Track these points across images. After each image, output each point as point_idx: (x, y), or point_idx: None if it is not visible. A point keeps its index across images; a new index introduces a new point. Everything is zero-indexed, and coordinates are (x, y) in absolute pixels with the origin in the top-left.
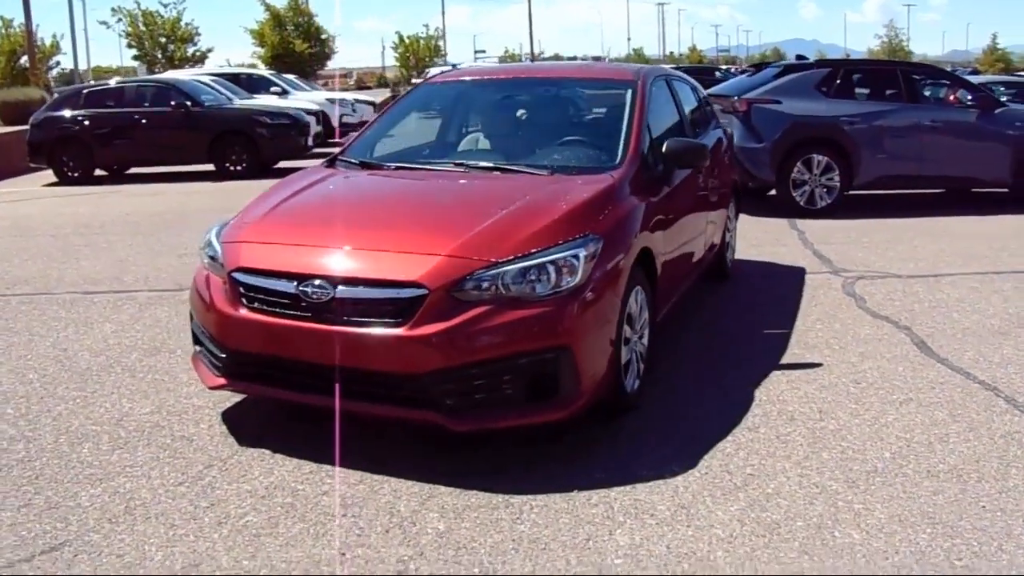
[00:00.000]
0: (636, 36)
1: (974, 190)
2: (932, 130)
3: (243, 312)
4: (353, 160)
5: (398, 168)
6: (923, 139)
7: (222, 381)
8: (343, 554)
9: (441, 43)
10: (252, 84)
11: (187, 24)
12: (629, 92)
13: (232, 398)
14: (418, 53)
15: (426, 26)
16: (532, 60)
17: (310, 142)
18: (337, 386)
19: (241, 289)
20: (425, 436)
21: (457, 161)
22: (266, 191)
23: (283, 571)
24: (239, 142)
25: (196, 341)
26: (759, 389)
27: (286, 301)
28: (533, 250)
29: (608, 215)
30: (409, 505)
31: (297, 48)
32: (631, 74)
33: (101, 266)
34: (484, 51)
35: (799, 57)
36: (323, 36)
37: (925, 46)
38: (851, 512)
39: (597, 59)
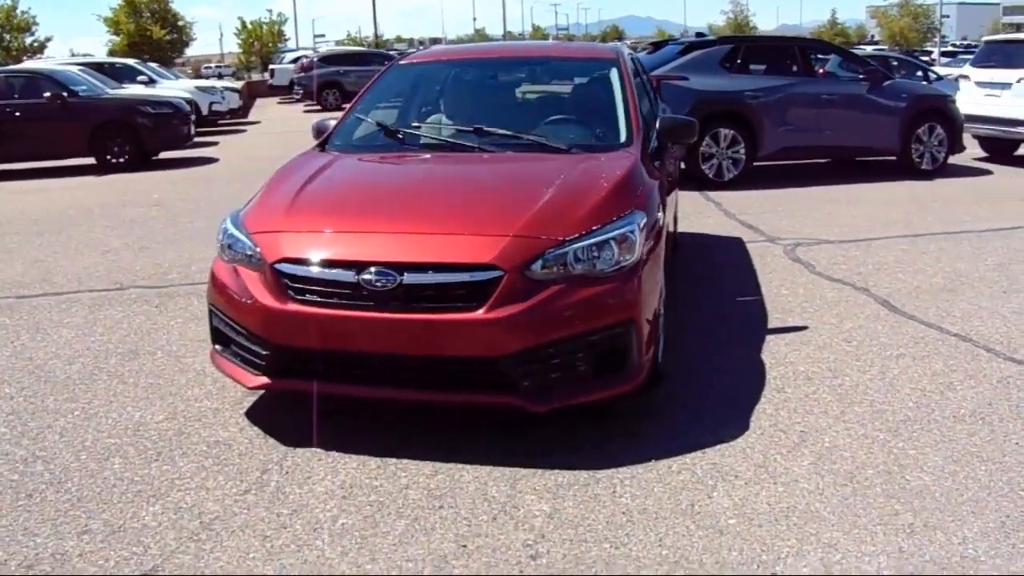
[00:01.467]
0: (482, 17)
1: (858, 159)
2: (828, 103)
3: (291, 306)
4: (348, 143)
5: (406, 150)
6: (820, 111)
7: (264, 380)
8: (464, 546)
9: (285, 28)
10: (117, 73)
11: (23, 13)
12: (614, 70)
13: (247, 398)
14: (262, 39)
15: (269, 11)
16: (376, 43)
17: (193, 131)
18: (400, 376)
19: (287, 281)
20: (469, 420)
21: (466, 142)
22: (270, 179)
23: (412, 571)
24: (121, 133)
25: (219, 340)
26: (763, 354)
27: (344, 291)
28: (593, 227)
29: (642, 191)
30: (500, 490)
31: (155, 35)
32: (610, 52)
33: (21, 268)
34: (323, 35)
35: (698, 35)
36: (180, 23)
37: (757, 20)
38: (909, 457)
39: (435, 41)
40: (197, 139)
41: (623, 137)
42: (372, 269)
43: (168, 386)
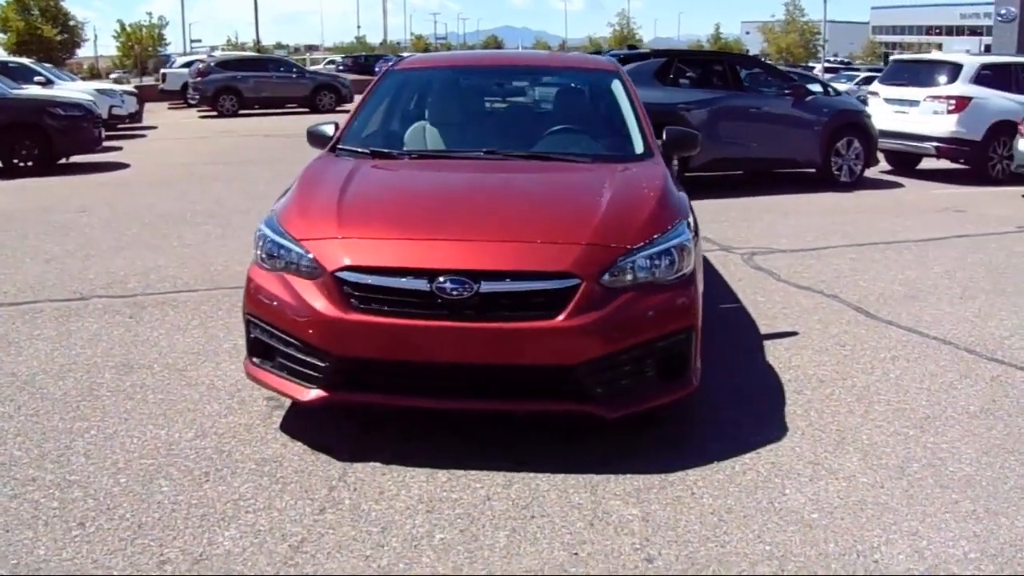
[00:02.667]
0: (350, 25)
1: (777, 171)
2: (756, 116)
3: (356, 315)
4: (360, 149)
5: (426, 157)
6: (748, 124)
7: (320, 394)
8: (575, 554)
9: (166, 32)
10: (12, 73)
11: None
12: (617, 81)
13: (274, 412)
14: (141, 42)
15: (149, 14)
16: (258, 49)
17: (103, 135)
18: (472, 386)
19: (349, 289)
20: (516, 430)
21: (488, 149)
22: (299, 184)
23: None
24: (30, 135)
25: (260, 352)
26: (769, 358)
27: (416, 300)
28: (655, 236)
29: (681, 200)
30: (583, 497)
31: (46, 34)
32: (609, 63)
33: None
34: (199, 40)
35: (630, 47)
36: (71, 22)
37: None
38: (944, 451)
39: (311, 48)
40: (110, 143)
41: (641, 148)
42: (447, 277)
43: (182, 401)
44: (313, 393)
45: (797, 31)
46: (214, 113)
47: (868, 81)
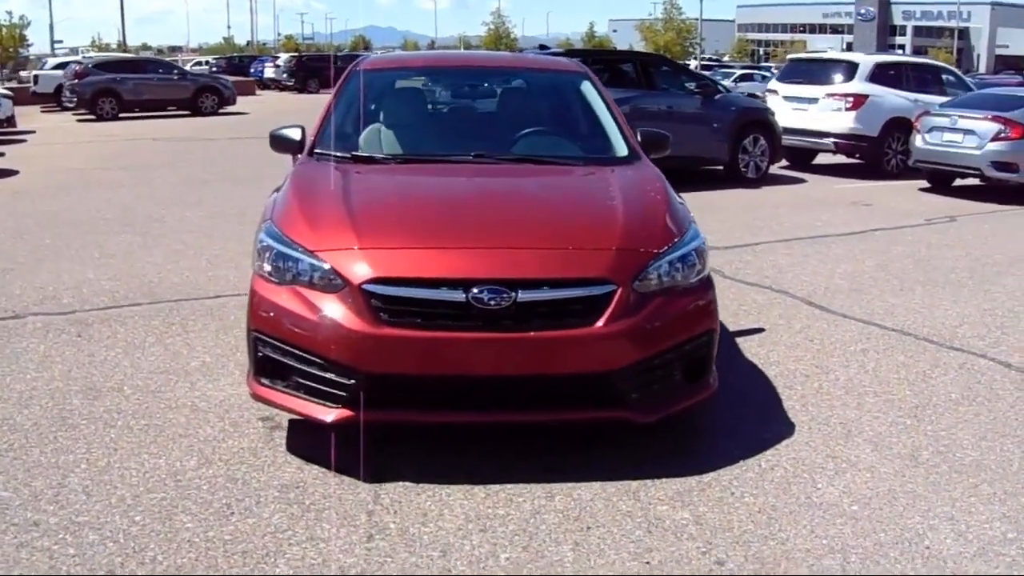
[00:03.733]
0: (215, 25)
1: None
2: (668, 116)
3: (385, 329)
4: (340, 154)
5: (413, 162)
6: (661, 124)
7: (347, 414)
8: (647, 563)
9: (27, 32)
10: None
11: None
12: (587, 83)
13: (274, 433)
14: (2, 42)
15: (9, 13)
16: (124, 50)
17: None
18: (507, 398)
19: (377, 303)
20: (533, 437)
21: (477, 153)
22: (290, 193)
23: None
24: None
25: (270, 372)
26: (748, 355)
27: (451, 311)
28: (675, 240)
29: (683, 202)
30: (629, 504)
31: None
32: (576, 65)
33: None
34: (61, 41)
35: (542, 47)
36: None
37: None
38: (945, 439)
39: (174, 49)
40: None
41: (624, 150)
42: (483, 287)
43: (170, 426)
44: (337, 413)
45: (674, 29)
46: (92, 116)
47: (745, 79)
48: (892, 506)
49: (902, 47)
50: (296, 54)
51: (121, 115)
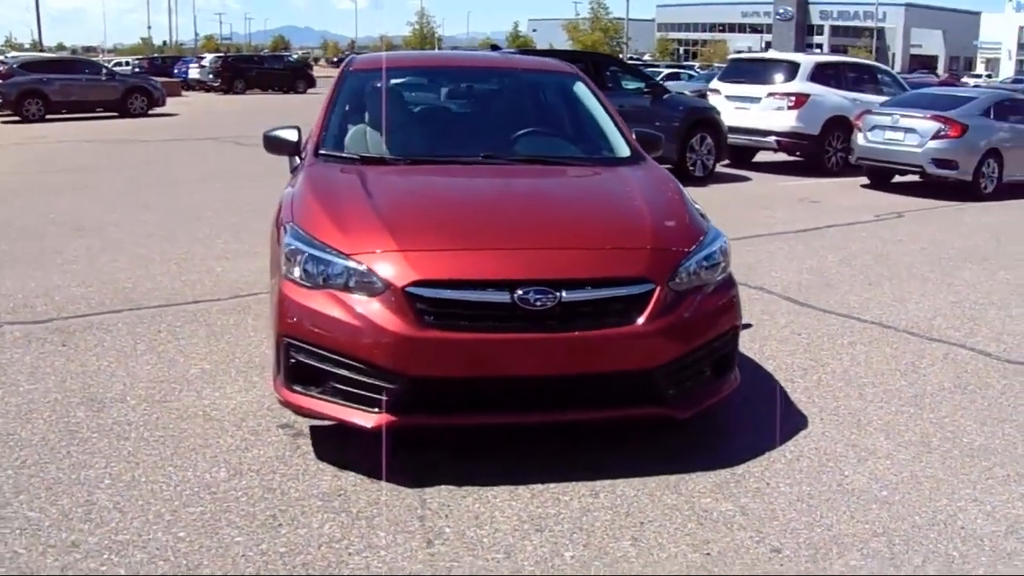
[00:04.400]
0: (132, 24)
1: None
2: (620, 114)
3: (430, 332)
4: (347, 155)
5: (423, 162)
6: None
7: (390, 419)
8: (708, 554)
9: None
10: None
11: None
12: (580, 83)
13: (299, 440)
14: None
15: None
16: (40, 50)
17: None
18: (551, 398)
19: (422, 305)
20: (557, 436)
21: (487, 154)
22: (306, 196)
23: None
24: None
25: (304, 379)
26: (743, 350)
27: (496, 312)
28: (700, 239)
29: (696, 202)
30: (673, 498)
31: None
32: (567, 66)
33: None
34: None
35: (493, 47)
36: None
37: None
38: (950, 425)
39: (89, 49)
40: None
41: (626, 150)
42: (529, 288)
43: (187, 437)
44: (378, 418)
45: (601, 29)
46: (17, 118)
47: (671, 78)
48: (919, 490)
49: (820, 46)
50: (222, 54)
51: (48, 116)
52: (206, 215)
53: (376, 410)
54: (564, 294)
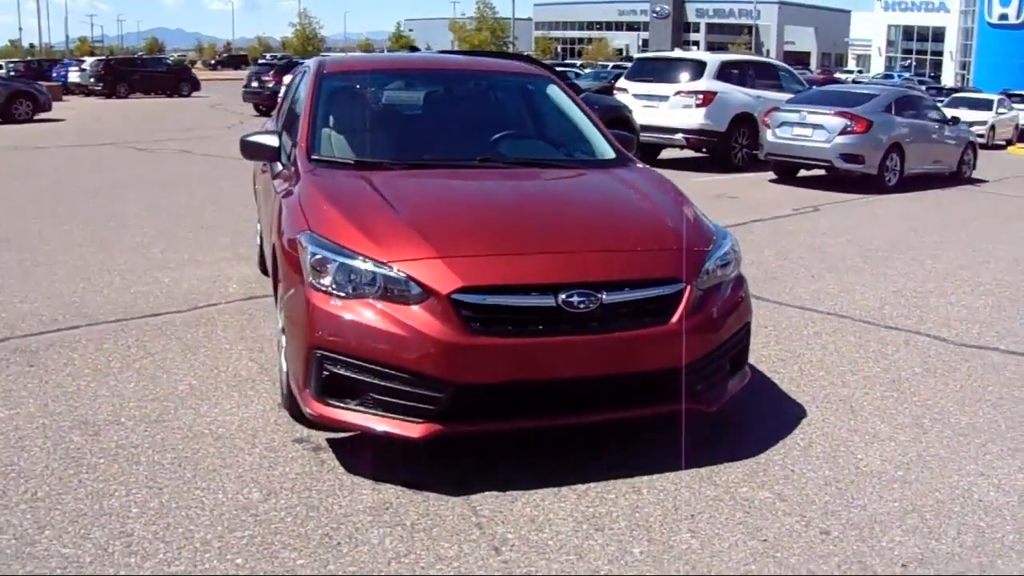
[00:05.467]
0: (2, 28)
1: None
2: None
3: (478, 339)
4: (341, 159)
5: (422, 166)
6: None
7: (436, 428)
8: (764, 540)
9: None
10: None
11: None
12: (554, 86)
13: (322, 454)
14: None
15: None
16: None
17: None
18: (591, 398)
19: (467, 312)
20: (570, 437)
21: (483, 157)
22: (320, 202)
23: (756, 571)
24: None
25: (339, 391)
26: None
27: (542, 317)
28: (714, 238)
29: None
30: (710, 490)
31: None
32: (538, 68)
33: None
34: None
35: (412, 49)
36: None
37: (283, 32)
38: (935, 407)
39: None
40: None
41: (611, 152)
42: (572, 291)
43: (204, 458)
44: (424, 428)
45: (488, 28)
46: None
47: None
48: (929, 469)
49: (696, 44)
50: (104, 57)
51: None
52: (131, 223)
53: (421, 420)
54: (605, 296)
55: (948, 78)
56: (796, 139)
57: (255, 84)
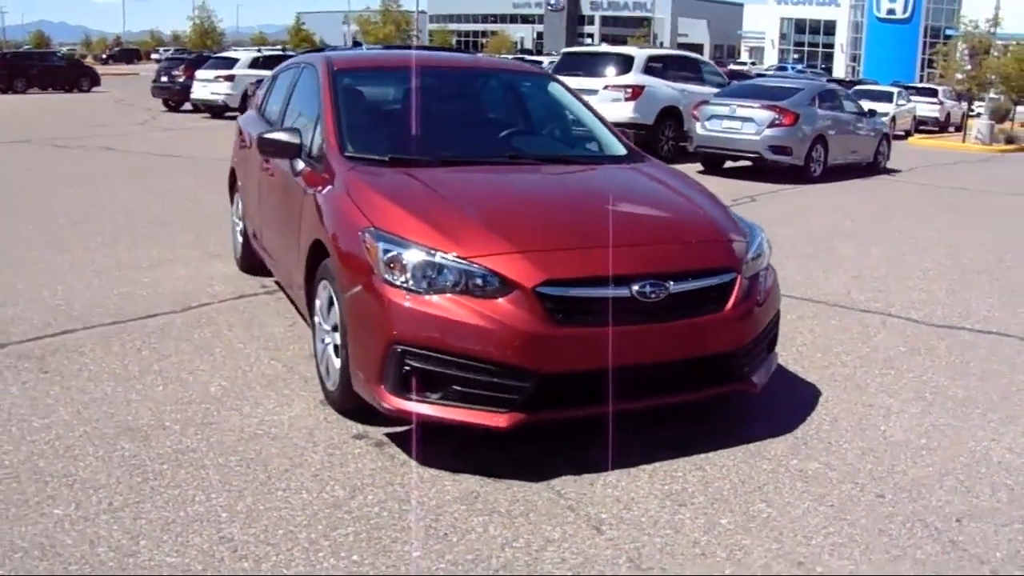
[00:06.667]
0: None
1: None
2: None
3: (562, 329)
4: (375, 157)
5: (454, 163)
6: None
7: (520, 417)
8: (831, 505)
9: None
10: None
11: None
12: (557, 84)
13: (386, 447)
14: None
15: None
16: None
17: None
18: (659, 383)
19: (550, 304)
20: (623, 422)
21: (512, 154)
22: (381, 197)
23: (849, 537)
24: None
25: (420, 386)
26: None
27: (618, 307)
28: (744, 229)
29: None
30: (765, 464)
31: None
32: (535, 67)
33: None
34: None
35: (356, 43)
36: None
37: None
38: (929, 383)
39: None
40: None
41: (622, 148)
42: (644, 282)
43: (269, 460)
44: (510, 418)
45: (393, 22)
46: None
47: None
48: (947, 437)
49: (591, 36)
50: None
51: None
52: (81, 220)
53: (506, 410)
54: (672, 286)
55: (839, 70)
56: (726, 132)
57: (165, 79)
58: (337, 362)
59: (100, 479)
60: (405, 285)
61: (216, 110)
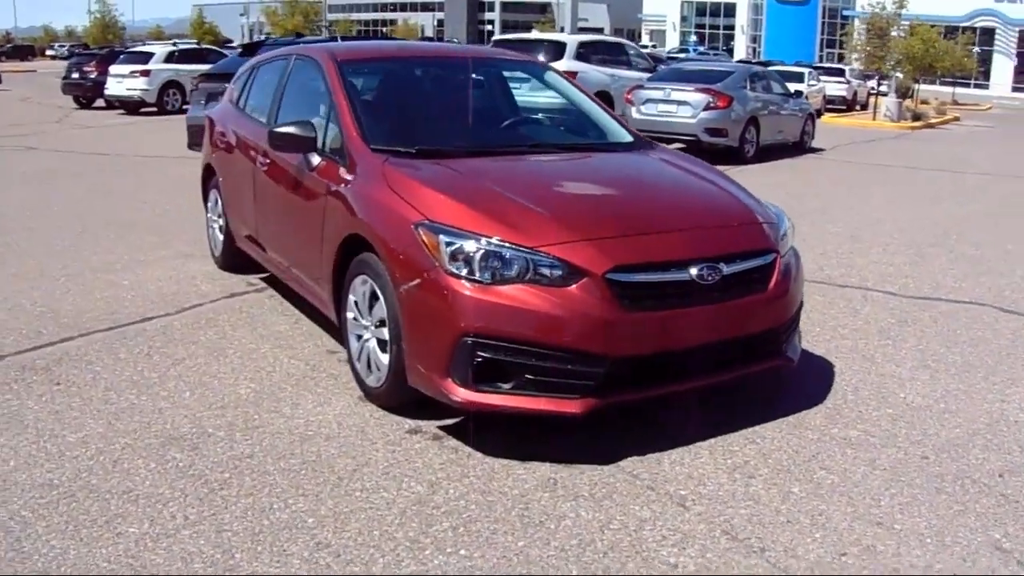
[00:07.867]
0: None
1: None
2: None
3: (632, 314)
4: (401, 148)
5: (479, 154)
6: None
7: (594, 402)
8: (884, 469)
9: None
10: None
11: None
12: (554, 73)
13: (445, 439)
14: None
15: None
16: None
17: None
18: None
19: (619, 290)
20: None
21: (533, 143)
22: (431, 189)
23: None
24: None
25: (492, 376)
26: None
27: (679, 290)
28: (773, 214)
29: None
30: (809, 434)
31: None
32: (533, 57)
33: None
34: None
35: (298, 35)
36: None
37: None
38: (925, 352)
39: None
40: None
41: (627, 135)
42: (702, 265)
43: (334, 459)
44: (584, 403)
45: (301, 13)
46: None
47: None
48: (962, 400)
49: (492, 22)
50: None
51: None
52: (33, 224)
53: (579, 396)
54: (725, 268)
55: (740, 52)
56: (662, 115)
57: (76, 75)
58: (384, 357)
59: (164, 493)
60: (471, 277)
61: (131, 106)
